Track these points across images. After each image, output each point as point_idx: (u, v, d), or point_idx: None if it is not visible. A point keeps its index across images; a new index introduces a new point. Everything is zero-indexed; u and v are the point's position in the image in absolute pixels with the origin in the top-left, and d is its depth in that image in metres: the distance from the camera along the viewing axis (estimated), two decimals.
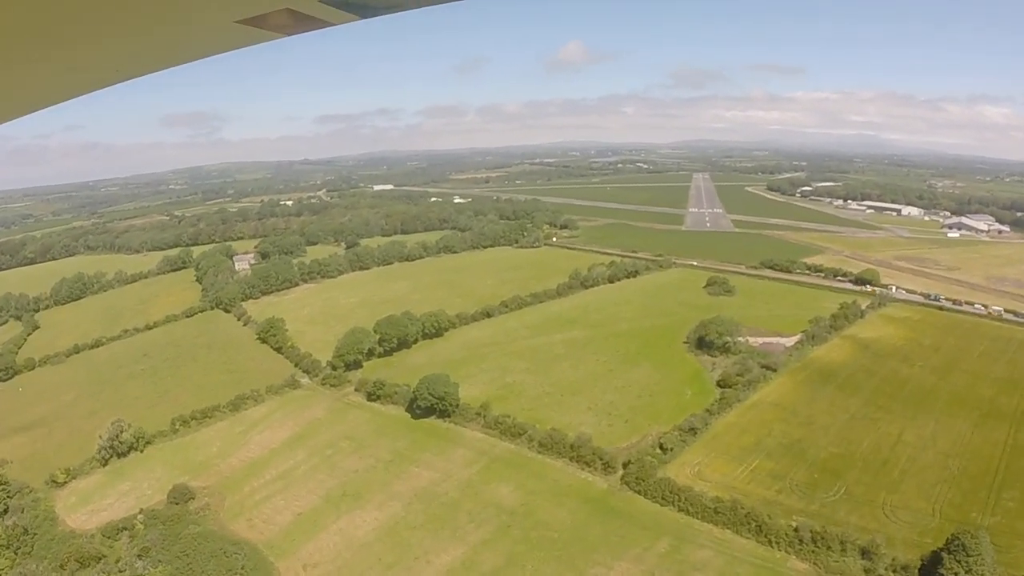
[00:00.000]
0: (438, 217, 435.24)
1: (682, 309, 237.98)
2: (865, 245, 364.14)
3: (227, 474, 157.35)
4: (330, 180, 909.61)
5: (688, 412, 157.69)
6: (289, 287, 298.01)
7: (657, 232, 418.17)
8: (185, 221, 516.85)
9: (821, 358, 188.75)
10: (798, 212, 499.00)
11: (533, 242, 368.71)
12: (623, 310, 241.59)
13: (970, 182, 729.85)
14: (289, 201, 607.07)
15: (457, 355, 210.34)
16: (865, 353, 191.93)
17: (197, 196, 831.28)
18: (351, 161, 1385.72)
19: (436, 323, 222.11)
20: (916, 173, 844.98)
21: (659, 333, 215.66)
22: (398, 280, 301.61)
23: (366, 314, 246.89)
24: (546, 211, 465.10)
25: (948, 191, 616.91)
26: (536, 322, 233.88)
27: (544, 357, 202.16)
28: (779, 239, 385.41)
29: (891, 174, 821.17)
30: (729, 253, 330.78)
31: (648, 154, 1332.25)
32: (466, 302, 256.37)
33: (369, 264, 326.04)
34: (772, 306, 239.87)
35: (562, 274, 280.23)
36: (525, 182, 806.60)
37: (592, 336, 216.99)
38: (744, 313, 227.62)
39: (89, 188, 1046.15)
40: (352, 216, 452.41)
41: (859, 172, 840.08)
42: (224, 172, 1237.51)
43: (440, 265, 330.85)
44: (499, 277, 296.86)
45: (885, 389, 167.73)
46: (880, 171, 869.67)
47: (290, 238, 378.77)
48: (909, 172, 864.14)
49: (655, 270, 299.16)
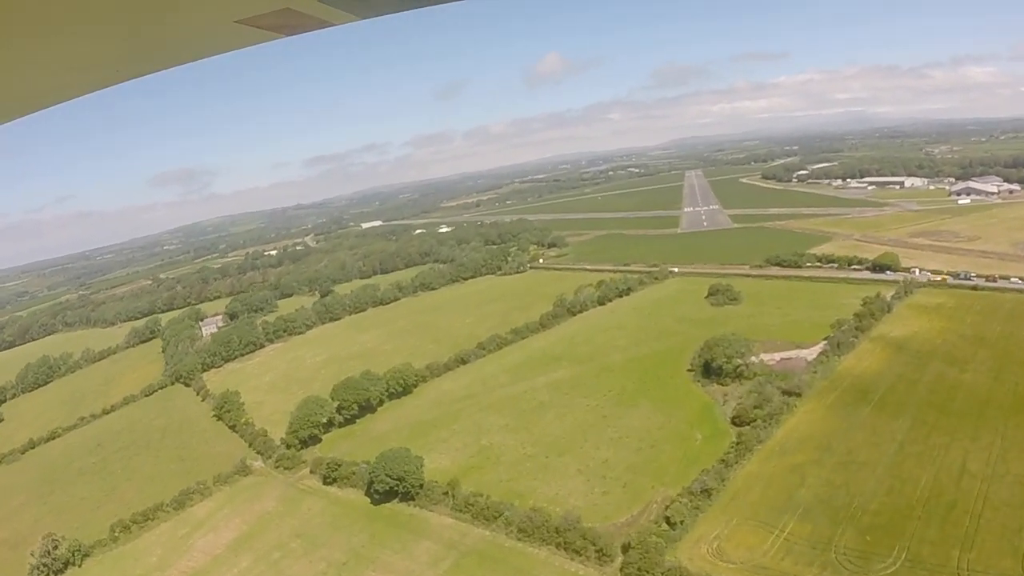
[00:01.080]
0: (419, 251, 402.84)
1: (683, 328, 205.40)
2: (875, 225, 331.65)
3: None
4: (321, 223, 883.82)
5: (699, 465, 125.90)
6: (253, 350, 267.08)
7: (652, 238, 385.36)
8: (163, 285, 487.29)
9: (851, 370, 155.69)
10: (798, 198, 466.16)
11: (517, 267, 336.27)
12: (615, 337, 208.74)
13: (966, 145, 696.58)
14: (273, 251, 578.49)
15: (426, 415, 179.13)
16: (901, 356, 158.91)
17: (189, 255, 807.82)
18: (344, 201, 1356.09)
19: (402, 380, 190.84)
20: (910, 143, 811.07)
21: (658, 361, 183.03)
22: (370, 329, 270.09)
23: (332, 374, 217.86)
24: (533, 231, 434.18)
25: (947, 156, 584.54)
26: (517, 363, 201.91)
27: (526, 407, 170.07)
28: (782, 230, 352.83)
29: (885, 147, 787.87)
30: (730, 253, 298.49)
31: (639, 158, 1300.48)
32: (441, 348, 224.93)
33: (340, 314, 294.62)
34: (786, 310, 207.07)
35: (548, 301, 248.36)
36: (516, 201, 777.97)
37: (581, 374, 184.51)
38: (754, 324, 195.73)
39: (85, 258, 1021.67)
40: (329, 261, 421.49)
41: (852, 149, 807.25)
42: (218, 227, 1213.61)
43: (416, 305, 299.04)
44: (479, 312, 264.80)
45: (934, 401, 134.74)
46: (873, 145, 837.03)
47: (259, 294, 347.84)
48: (903, 142, 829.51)
49: (650, 283, 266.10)
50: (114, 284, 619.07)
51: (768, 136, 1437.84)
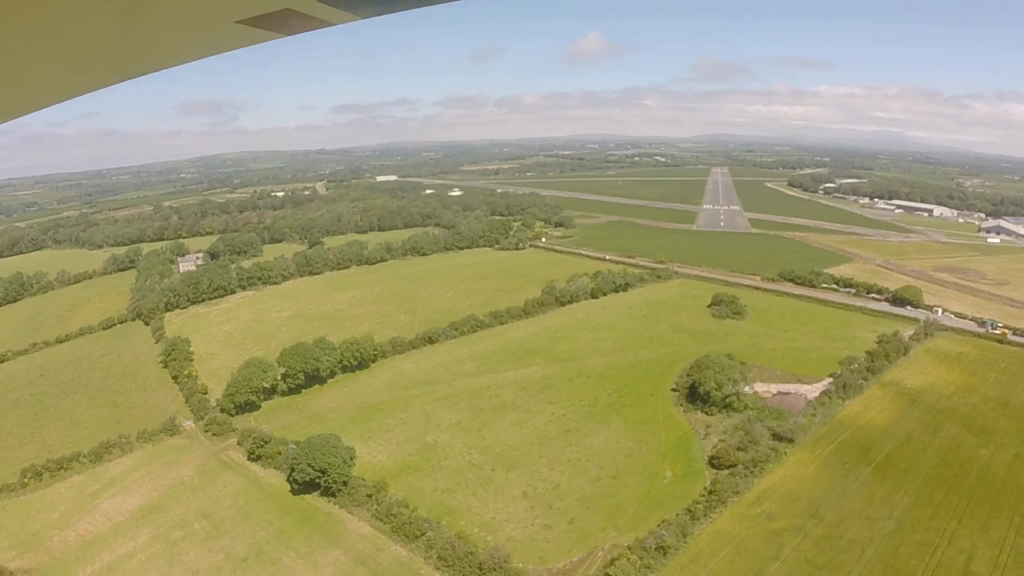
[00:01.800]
0: (420, 212, 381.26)
1: (677, 338, 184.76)
2: (899, 251, 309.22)
3: (57, 554, 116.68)
4: (339, 171, 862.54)
5: (662, 510, 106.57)
6: (223, 295, 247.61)
7: (664, 232, 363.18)
8: (163, 213, 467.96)
9: (855, 419, 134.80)
10: (822, 211, 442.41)
11: (516, 244, 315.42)
12: (602, 338, 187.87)
13: (999, 181, 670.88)
14: (281, 192, 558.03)
15: (376, 397, 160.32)
16: (914, 411, 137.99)
17: (202, 185, 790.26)
18: (367, 152, 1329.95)
19: (358, 353, 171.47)
20: (942, 171, 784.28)
21: (642, 373, 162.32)
22: (347, 289, 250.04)
23: (293, 333, 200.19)
24: (543, 206, 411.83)
25: (978, 190, 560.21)
26: (488, 352, 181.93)
27: (485, 405, 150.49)
28: (801, 242, 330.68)
29: (916, 171, 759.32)
30: (743, 260, 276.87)
31: (667, 147, 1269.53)
32: (413, 321, 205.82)
33: (320, 268, 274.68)
34: (792, 334, 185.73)
35: (539, 285, 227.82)
36: (536, 174, 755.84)
37: (554, 376, 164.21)
38: (755, 345, 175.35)
39: (101, 176, 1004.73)
40: (327, 211, 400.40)
41: (883, 169, 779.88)
42: (239, 161, 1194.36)
43: (402, 270, 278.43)
44: (463, 287, 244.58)
45: (944, 475, 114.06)
46: (905, 168, 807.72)
47: (245, 236, 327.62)
48: (935, 170, 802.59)
49: (651, 282, 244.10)
50: (118, 206, 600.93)
51: (800, 144, 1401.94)
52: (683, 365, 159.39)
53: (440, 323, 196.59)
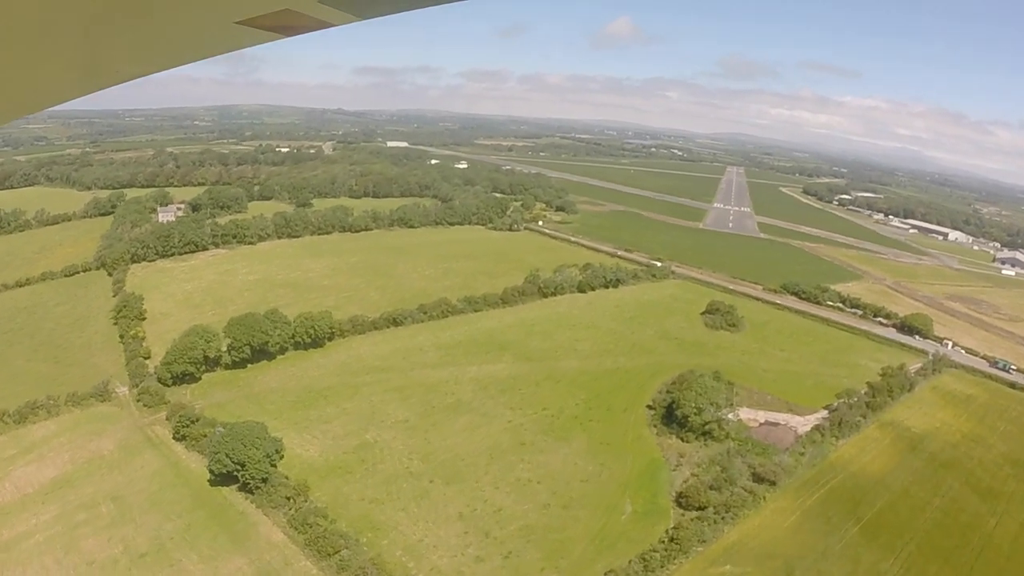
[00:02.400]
0: (419, 182, 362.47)
1: (663, 346, 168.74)
2: (910, 273, 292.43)
3: None
4: (353, 132, 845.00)
5: (613, 555, 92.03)
6: (193, 251, 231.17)
7: (669, 227, 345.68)
8: (160, 158, 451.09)
9: (848, 463, 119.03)
10: (834, 222, 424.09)
11: (510, 224, 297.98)
12: (581, 338, 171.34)
13: (1016, 211, 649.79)
14: (285, 149, 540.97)
15: (323, 381, 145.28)
16: (914, 460, 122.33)
17: (213, 134, 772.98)
18: (384, 116, 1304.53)
19: (312, 330, 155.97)
20: (959, 195, 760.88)
21: (618, 383, 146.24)
22: (323, 256, 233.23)
23: (255, 299, 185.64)
24: (548, 188, 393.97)
25: (995, 219, 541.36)
26: (455, 341, 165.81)
27: (438, 404, 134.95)
28: (810, 253, 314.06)
29: (933, 192, 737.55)
30: (746, 266, 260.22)
31: (685, 141, 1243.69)
32: (383, 298, 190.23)
33: (301, 231, 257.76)
34: (789, 354, 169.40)
35: (527, 271, 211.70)
36: (549, 155, 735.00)
37: (521, 376, 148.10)
38: (748, 363, 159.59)
39: (115, 116, 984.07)
40: (323, 172, 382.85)
41: (900, 186, 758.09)
42: (255, 113, 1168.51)
43: (385, 241, 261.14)
44: (446, 266, 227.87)
45: (942, 545, 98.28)
46: (922, 188, 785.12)
47: (231, 191, 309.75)
48: (952, 193, 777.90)
49: (645, 279, 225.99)
50: (123, 148, 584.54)
51: (819, 152, 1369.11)
52: (665, 378, 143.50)
53: (411, 304, 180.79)
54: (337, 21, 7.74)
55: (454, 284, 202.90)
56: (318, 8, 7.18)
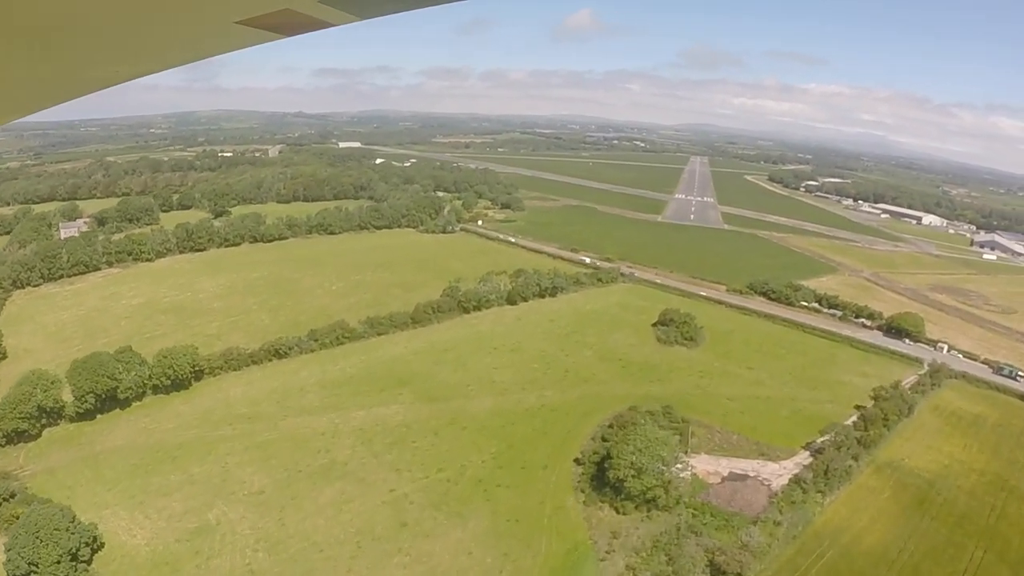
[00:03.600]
0: (354, 183, 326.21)
1: (603, 371, 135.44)
2: (888, 262, 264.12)
3: None
4: (309, 134, 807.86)
5: None
6: (84, 272, 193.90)
7: (625, 221, 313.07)
8: (98, 168, 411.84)
9: (838, 532, 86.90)
10: (803, 210, 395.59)
11: (444, 226, 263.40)
12: (502, 365, 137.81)
13: (984, 192, 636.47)
14: (229, 153, 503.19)
15: (180, 435, 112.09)
16: (923, 520, 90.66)
17: (166, 141, 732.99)
18: (345, 118, 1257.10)
19: (171, 370, 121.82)
20: (926, 178, 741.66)
21: (540, 428, 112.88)
22: (222, 272, 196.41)
23: (132, 328, 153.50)
24: (496, 184, 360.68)
25: (965, 200, 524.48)
26: (346, 376, 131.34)
27: (307, 466, 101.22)
28: (778, 244, 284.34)
29: (900, 176, 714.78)
30: (708, 262, 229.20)
31: (649, 134, 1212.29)
32: (275, 322, 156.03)
33: (206, 244, 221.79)
34: (759, 373, 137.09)
35: (452, 281, 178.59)
36: (508, 151, 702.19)
37: (418, 422, 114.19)
38: (708, 389, 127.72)
39: (70, 127, 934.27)
40: (251, 175, 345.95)
41: (867, 171, 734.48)
42: (212, 120, 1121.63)
43: (298, 252, 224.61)
44: (358, 278, 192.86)
45: None
46: (888, 172, 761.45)
47: (141, 201, 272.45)
48: (919, 176, 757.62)
49: (589, 285, 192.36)
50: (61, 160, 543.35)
51: (783, 140, 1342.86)
52: (602, 418, 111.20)
53: (305, 327, 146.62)
54: (337, 21, 7.55)
55: (363, 301, 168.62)
56: (318, 8, 6.99)
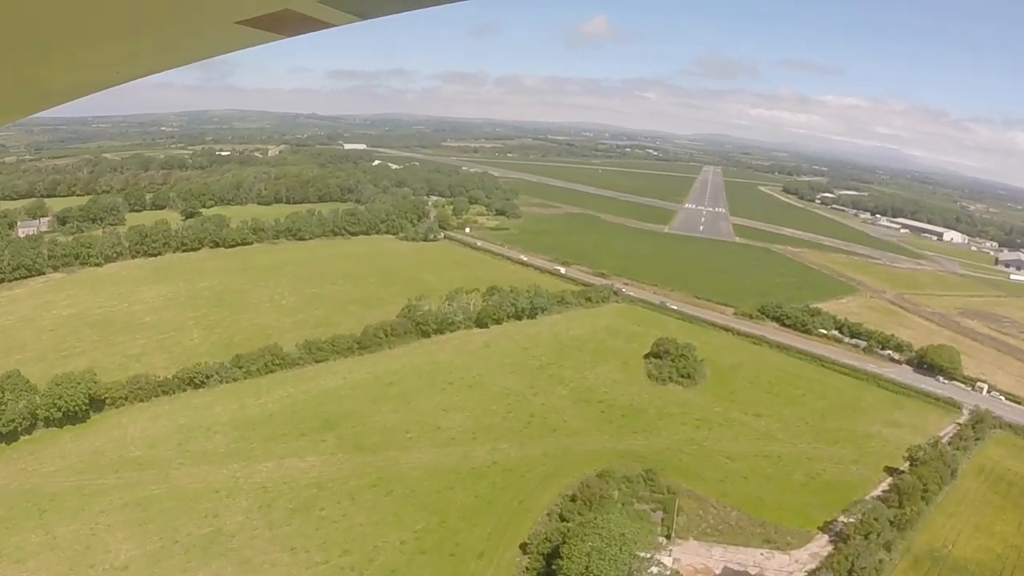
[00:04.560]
0: (340, 185, 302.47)
1: (578, 417, 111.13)
2: (911, 282, 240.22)
3: None
4: (318, 135, 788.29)
5: None
6: (25, 276, 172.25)
7: (628, 231, 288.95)
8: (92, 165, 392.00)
9: None
10: (819, 223, 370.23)
11: (426, 233, 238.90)
12: (455, 405, 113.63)
13: (1003, 208, 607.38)
14: (227, 152, 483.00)
15: (57, 481, 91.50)
16: None
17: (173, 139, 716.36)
18: (358, 120, 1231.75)
19: (62, 400, 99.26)
20: (943, 192, 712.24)
21: (486, 496, 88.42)
22: (168, 281, 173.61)
23: (53, 343, 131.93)
24: (495, 189, 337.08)
25: (984, 216, 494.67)
26: (265, 414, 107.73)
27: (186, 535, 77.91)
28: (793, 259, 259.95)
29: (916, 190, 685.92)
30: (715, 280, 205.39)
31: (663, 142, 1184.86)
32: (206, 341, 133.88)
33: (161, 249, 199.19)
34: (767, 421, 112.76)
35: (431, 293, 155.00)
36: (517, 156, 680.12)
37: (335, 481, 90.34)
38: (704, 444, 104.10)
39: (82, 123, 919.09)
40: (233, 175, 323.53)
41: (882, 184, 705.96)
42: (224, 119, 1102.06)
43: (257, 260, 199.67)
44: (315, 291, 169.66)
45: None
46: (904, 186, 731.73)
47: (107, 200, 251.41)
48: (935, 191, 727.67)
49: (577, 305, 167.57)
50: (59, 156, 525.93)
51: (798, 152, 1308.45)
52: (565, 483, 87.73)
53: (239, 348, 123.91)
54: (337, 21, 7.45)
55: (312, 319, 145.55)
56: (318, 8, 6.89)
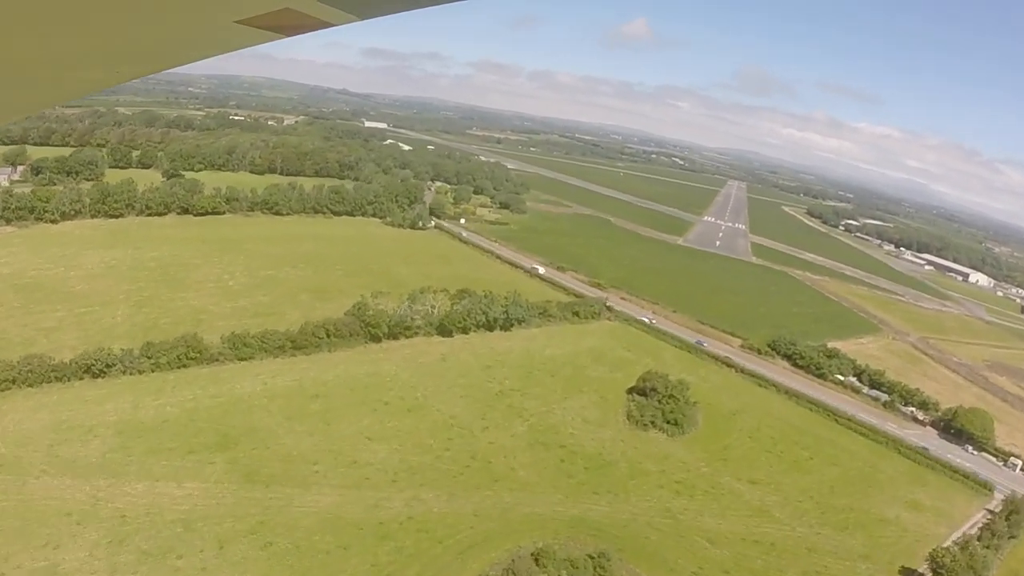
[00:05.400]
0: (339, 161, 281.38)
1: (533, 464, 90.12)
2: (936, 325, 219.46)
3: None
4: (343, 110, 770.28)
5: None
6: None
7: (638, 240, 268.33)
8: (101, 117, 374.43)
9: None
10: (841, 251, 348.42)
11: (414, 220, 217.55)
12: (384, 431, 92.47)
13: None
14: (240, 116, 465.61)
15: None
16: None
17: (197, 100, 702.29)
18: (388, 100, 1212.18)
19: None
20: (968, 232, 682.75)
21: (385, 567, 67.29)
22: (116, 247, 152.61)
23: None
24: (505, 181, 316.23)
25: (1010, 260, 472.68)
26: (159, 420, 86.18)
27: (15, 571, 59.21)
28: (812, 287, 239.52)
29: (941, 227, 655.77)
30: (725, 303, 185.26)
31: (691, 152, 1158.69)
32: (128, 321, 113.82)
33: (123, 210, 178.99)
34: (765, 493, 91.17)
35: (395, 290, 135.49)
36: (541, 151, 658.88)
37: (210, 519, 69.09)
38: (683, 514, 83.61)
39: None
40: (229, 140, 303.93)
41: (908, 217, 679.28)
42: (253, 85, 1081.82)
43: (223, 232, 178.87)
44: (270, 273, 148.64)
45: None
46: (929, 221, 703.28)
47: (87, 153, 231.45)
48: (960, 229, 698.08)
49: (562, 320, 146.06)
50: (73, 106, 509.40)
51: (824, 176, 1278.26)
52: (487, 562, 67.59)
53: (162, 332, 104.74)
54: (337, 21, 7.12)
55: (255, 305, 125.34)
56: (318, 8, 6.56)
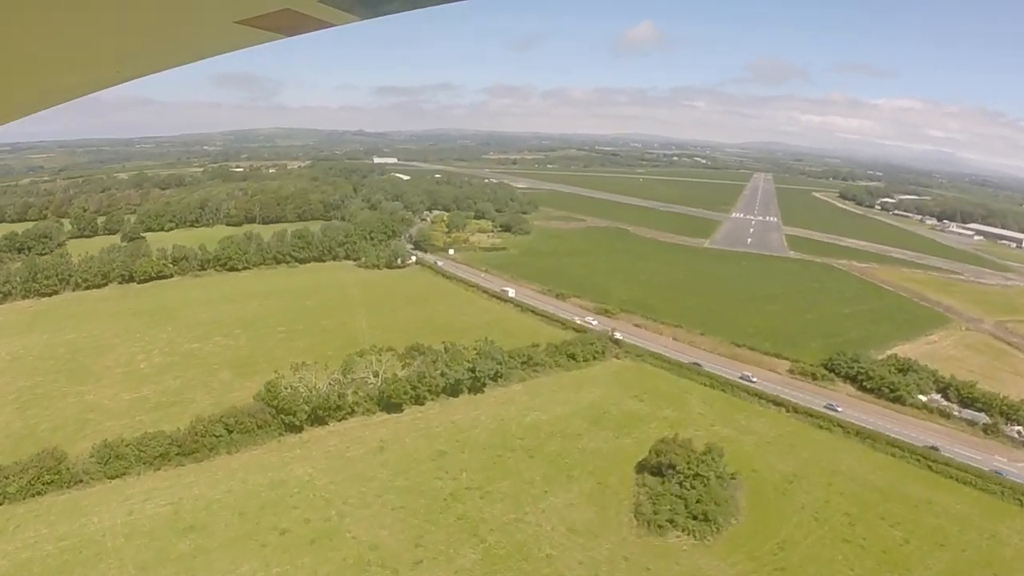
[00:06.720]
0: (323, 201, 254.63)
1: None
2: (1007, 305, 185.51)
3: None
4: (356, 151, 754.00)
5: None
6: None
7: (660, 248, 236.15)
8: (65, 186, 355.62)
9: None
10: (883, 232, 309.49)
11: (391, 259, 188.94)
12: None
13: None
14: (240, 168, 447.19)
15: None
16: None
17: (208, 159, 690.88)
18: (404, 136, 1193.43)
19: None
20: (1005, 195, 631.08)
21: None
22: (39, 331, 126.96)
23: None
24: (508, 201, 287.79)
25: None
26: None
27: None
28: (861, 279, 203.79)
29: (975, 193, 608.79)
30: (762, 314, 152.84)
31: (713, 151, 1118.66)
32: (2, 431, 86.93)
33: (58, 287, 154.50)
34: None
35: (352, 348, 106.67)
36: (559, 167, 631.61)
37: None
38: None
39: (126, 144, 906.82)
40: (200, 194, 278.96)
41: (941, 189, 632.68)
42: (270, 137, 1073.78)
43: (164, 297, 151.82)
44: (194, 346, 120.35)
45: None
46: (963, 189, 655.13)
47: (43, 226, 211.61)
48: (997, 193, 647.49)
49: (555, 368, 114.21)
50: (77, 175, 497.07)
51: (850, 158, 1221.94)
52: None
53: (37, 443, 77.25)
54: (337, 21, 7.37)
55: (158, 394, 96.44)
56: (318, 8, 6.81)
